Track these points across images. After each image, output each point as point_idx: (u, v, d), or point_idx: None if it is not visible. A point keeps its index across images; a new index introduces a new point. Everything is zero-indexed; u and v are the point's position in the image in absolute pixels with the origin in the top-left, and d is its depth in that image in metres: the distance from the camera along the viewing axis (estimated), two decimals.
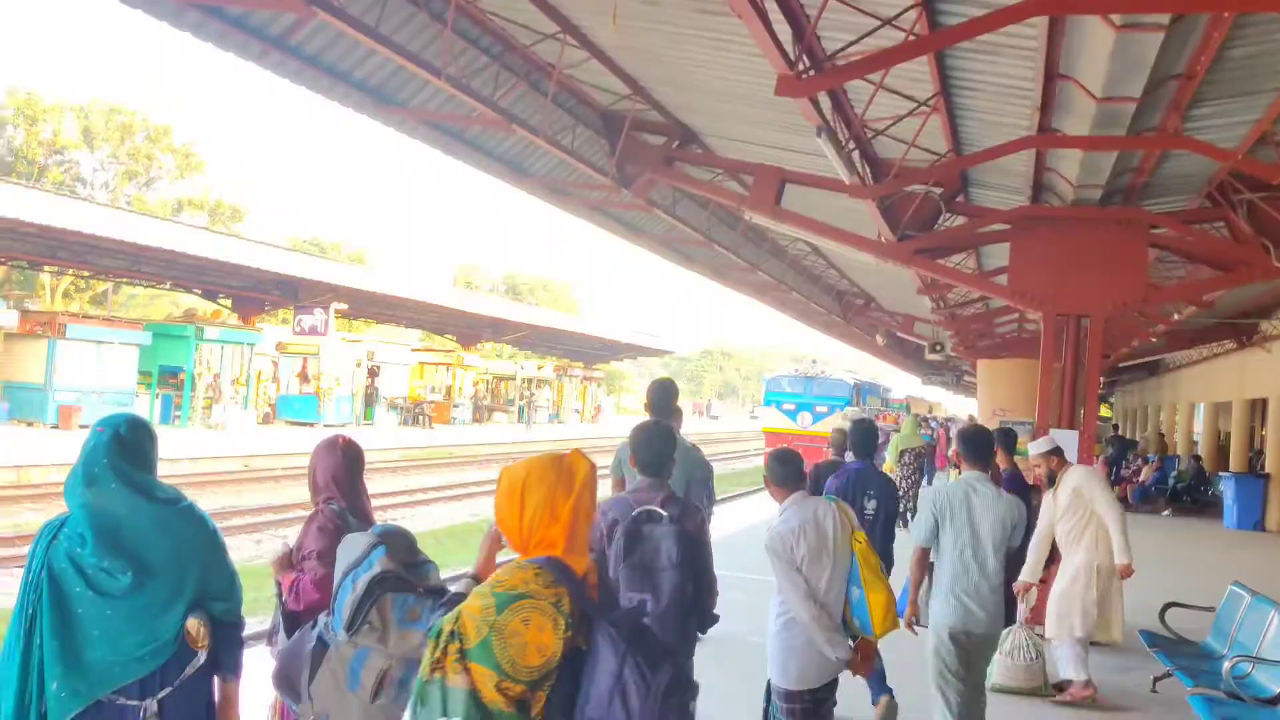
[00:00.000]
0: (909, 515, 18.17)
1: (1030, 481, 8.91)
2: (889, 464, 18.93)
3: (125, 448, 3.23)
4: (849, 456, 7.70)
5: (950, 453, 23.12)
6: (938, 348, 24.93)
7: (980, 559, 5.85)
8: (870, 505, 6.98)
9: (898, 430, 21.20)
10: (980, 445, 6.21)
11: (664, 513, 4.66)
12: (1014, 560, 6.70)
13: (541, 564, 2.40)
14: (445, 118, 11.96)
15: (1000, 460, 8.55)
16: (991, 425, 20.62)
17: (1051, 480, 8.14)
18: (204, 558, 3.29)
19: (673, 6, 8.73)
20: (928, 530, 5.96)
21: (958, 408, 71.28)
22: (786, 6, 7.42)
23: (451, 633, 2.31)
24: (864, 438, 7.37)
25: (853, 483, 7.03)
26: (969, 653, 5.92)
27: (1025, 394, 19.46)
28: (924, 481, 18.58)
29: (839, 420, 26.24)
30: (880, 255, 11.73)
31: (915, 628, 6.06)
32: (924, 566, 6.07)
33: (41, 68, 75.45)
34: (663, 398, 6.15)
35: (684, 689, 2.40)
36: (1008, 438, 9.04)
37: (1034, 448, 8.26)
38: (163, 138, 49.42)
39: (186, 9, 9.06)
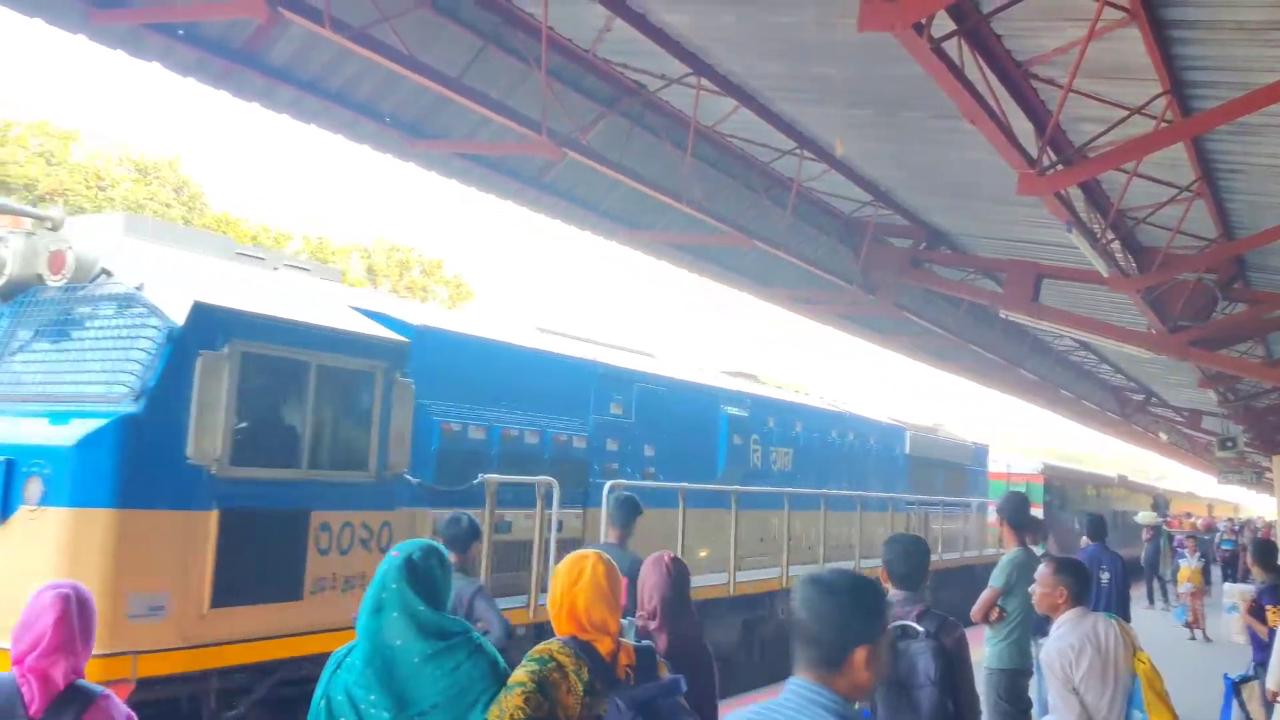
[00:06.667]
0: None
1: None
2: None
3: (415, 576, 3.07)
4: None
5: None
6: (1229, 444, 22.89)
7: None
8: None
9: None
10: None
11: (919, 628, 4.53)
12: None
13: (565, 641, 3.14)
14: (689, 239, 12.36)
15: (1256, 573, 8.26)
16: None
17: None
18: (491, 699, 2.98)
19: (909, 114, 8.76)
20: None
21: (1265, 509, 65.01)
22: (1026, 104, 7.31)
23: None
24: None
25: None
26: None
27: None
28: None
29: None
30: (1151, 349, 11.08)
31: None
32: None
33: (331, 214, 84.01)
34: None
35: None
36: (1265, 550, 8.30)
37: None
38: (436, 270, 53.42)
39: (453, 158, 9.93)
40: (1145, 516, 22.38)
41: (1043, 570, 5.11)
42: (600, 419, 9.43)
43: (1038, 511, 14.89)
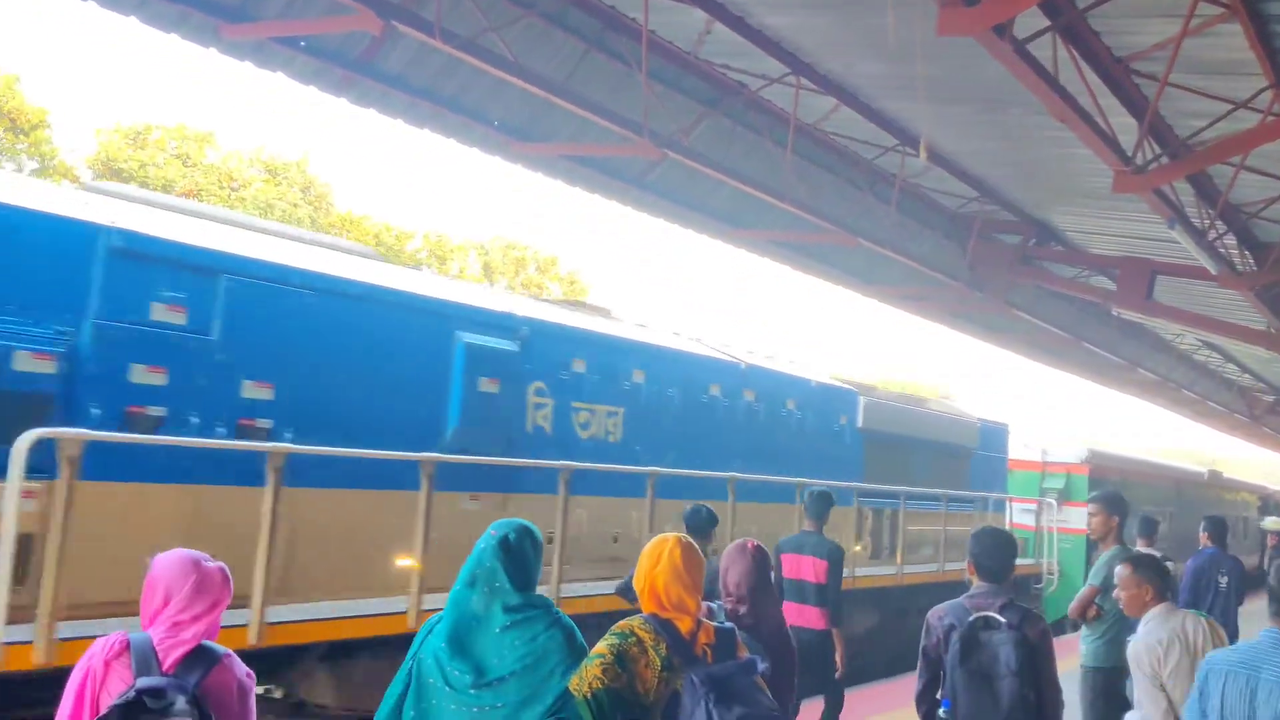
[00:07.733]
0: None
1: None
2: None
3: (508, 554, 3.31)
4: None
5: None
6: None
7: None
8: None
9: None
10: None
11: (1002, 619, 4.60)
12: None
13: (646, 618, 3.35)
14: (792, 237, 12.43)
15: None
16: None
17: None
18: (567, 669, 3.21)
19: (1014, 110, 8.71)
20: None
21: None
22: (1128, 99, 7.24)
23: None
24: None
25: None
26: None
27: None
28: None
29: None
30: (1270, 347, 10.76)
31: None
32: None
33: (451, 213, 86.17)
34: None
35: None
36: None
37: None
38: (551, 267, 54.17)
39: (559, 160, 10.24)
40: (1271, 522, 21.57)
41: (1121, 572, 5.07)
42: (114, 327, 5.62)
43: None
